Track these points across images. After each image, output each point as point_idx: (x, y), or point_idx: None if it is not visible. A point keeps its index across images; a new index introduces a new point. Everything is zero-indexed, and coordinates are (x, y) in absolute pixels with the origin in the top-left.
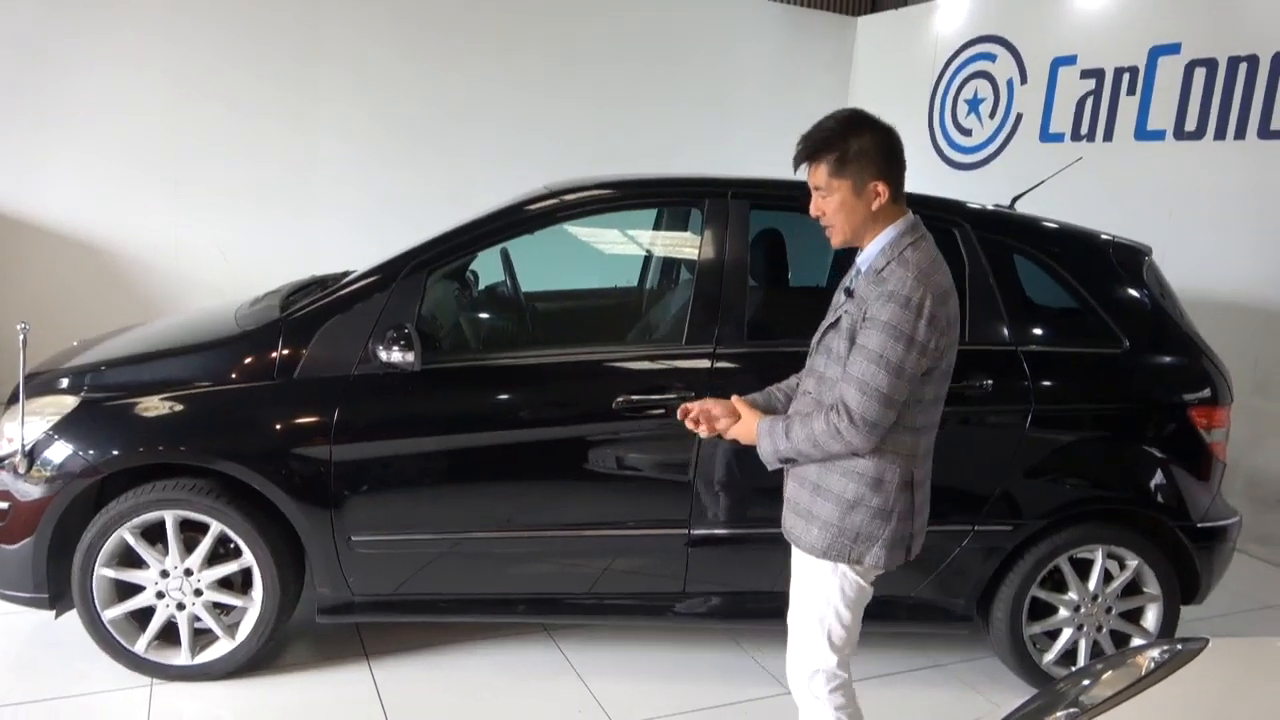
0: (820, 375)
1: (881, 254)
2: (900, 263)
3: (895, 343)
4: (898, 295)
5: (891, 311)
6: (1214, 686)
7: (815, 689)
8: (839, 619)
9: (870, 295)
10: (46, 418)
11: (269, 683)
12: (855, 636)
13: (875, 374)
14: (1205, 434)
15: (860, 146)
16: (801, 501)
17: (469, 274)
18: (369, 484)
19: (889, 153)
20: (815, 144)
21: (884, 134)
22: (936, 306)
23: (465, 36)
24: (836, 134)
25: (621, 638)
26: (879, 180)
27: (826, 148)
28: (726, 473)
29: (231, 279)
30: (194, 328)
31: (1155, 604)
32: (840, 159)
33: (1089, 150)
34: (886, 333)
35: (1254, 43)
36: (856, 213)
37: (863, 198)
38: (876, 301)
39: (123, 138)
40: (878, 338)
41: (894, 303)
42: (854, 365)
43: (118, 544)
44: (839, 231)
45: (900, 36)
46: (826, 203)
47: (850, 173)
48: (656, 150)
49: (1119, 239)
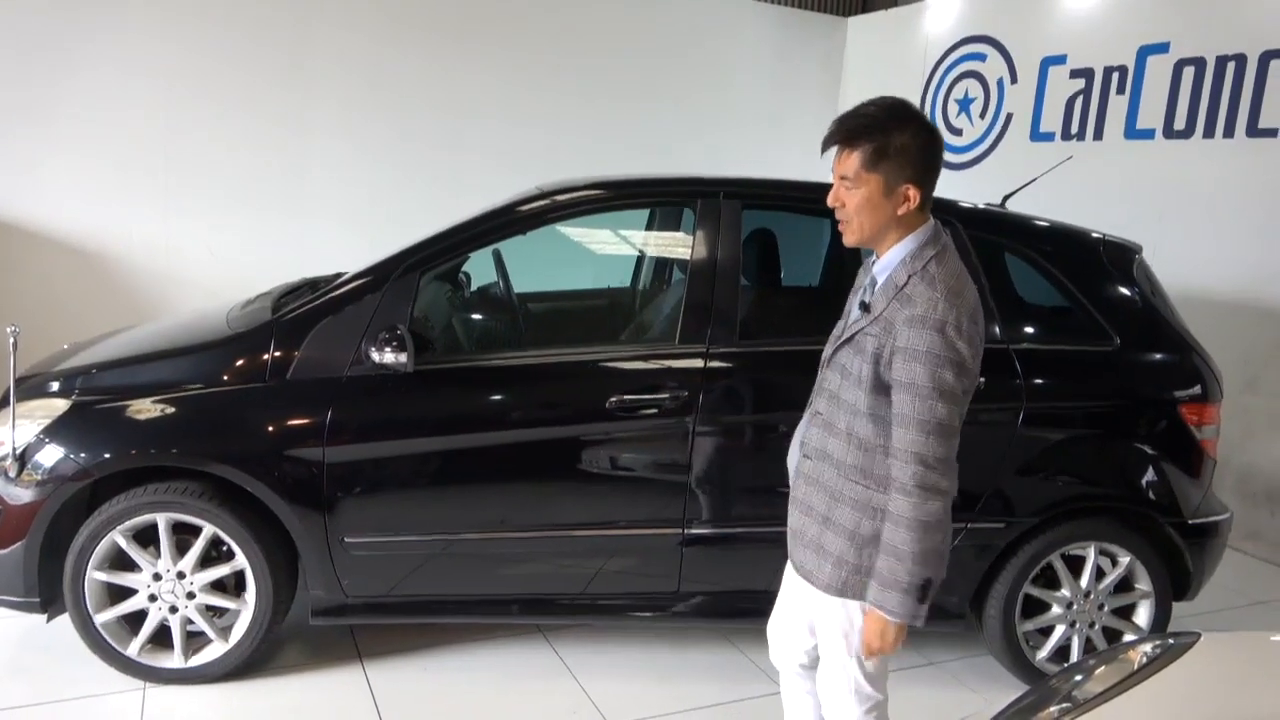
0: (834, 395)
1: (902, 266)
2: (925, 280)
3: (942, 370)
4: (930, 320)
5: (929, 340)
6: (1206, 681)
7: (851, 712)
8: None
9: (896, 318)
10: (37, 421)
11: (262, 685)
12: (887, 660)
13: (933, 408)
14: (1196, 431)
15: (902, 143)
16: (809, 534)
17: (461, 275)
18: (362, 486)
19: (930, 155)
20: (854, 129)
21: (929, 133)
22: (971, 326)
23: (457, 38)
24: (879, 123)
25: (616, 638)
26: (912, 184)
27: (866, 135)
28: (720, 472)
29: (223, 281)
30: (185, 330)
31: (1147, 600)
32: (878, 151)
33: (1079, 149)
34: (930, 363)
35: (1242, 42)
36: (880, 214)
37: (891, 199)
38: (907, 328)
39: (114, 139)
40: (923, 370)
41: (929, 329)
42: (905, 405)
43: (110, 547)
44: (855, 230)
45: (891, 37)
46: (850, 195)
47: (885, 169)
48: (648, 151)
49: (1110, 237)
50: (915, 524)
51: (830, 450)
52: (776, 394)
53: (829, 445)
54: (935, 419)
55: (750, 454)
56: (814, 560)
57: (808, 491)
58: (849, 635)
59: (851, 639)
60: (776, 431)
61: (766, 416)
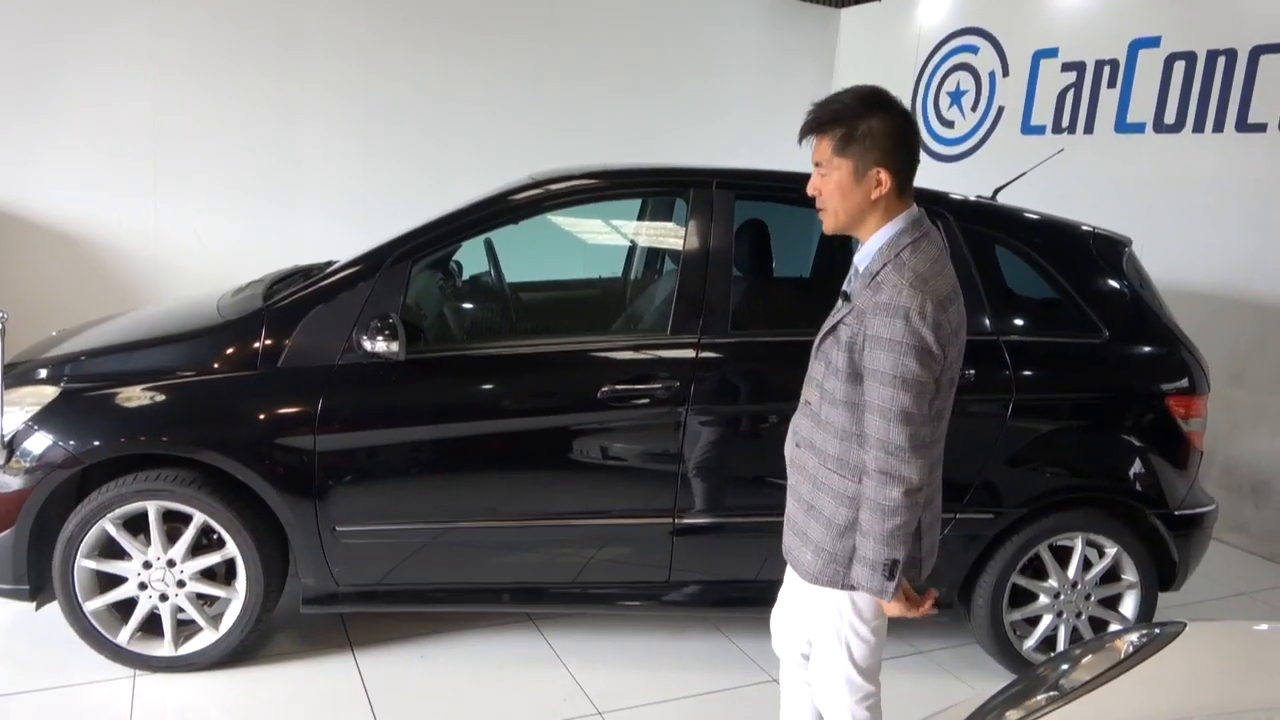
0: (819, 384)
1: (879, 254)
2: (896, 267)
3: (904, 358)
4: (894, 307)
5: (892, 327)
6: (1191, 669)
7: (843, 702)
8: (859, 637)
9: (867, 306)
10: (26, 408)
11: (253, 674)
12: (881, 650)
13: (894, 396)
14: (1183, 423)
15: (869, 128)
16: (797, 519)
17: (453, 264)
18: (353, 474)
19: (900, 140)
20: (823, 117)
21: (900, 118)
22: (939, 313)
23: (448, 26)
24: (847, 109)
25: (606, 626)
26: (882, 168)
27: (834, 122)
28: (711, 462)
29: (212, 268)
30: (176, 317)
31: (1133, 591)
32: (845, 136)
33: (1070, 142)
34: (892, 350)
35: (1232, 36)
36: (852, 198)
37: (862, 184)
38: (874, 316)
39: (102, 126)
40: (885, 358)
41: (893, 317)
42: (870, 392)
43: (99, 535)
44: (831, 215)
45: (883, 28)
46: (824, 182)
47: (853, 153)
48: (641, 140)
49: (1099, 230)
50: (877, 507)
51: (815, 440)
52: (768, 384)
53: (815, 435)
54: (898, 406)
55: (741, 444)
56: (799, 547)
57: (797, 479)
58: (837, 626)
59: (840, 629)
60: (768, 422)
61: (758, 407)
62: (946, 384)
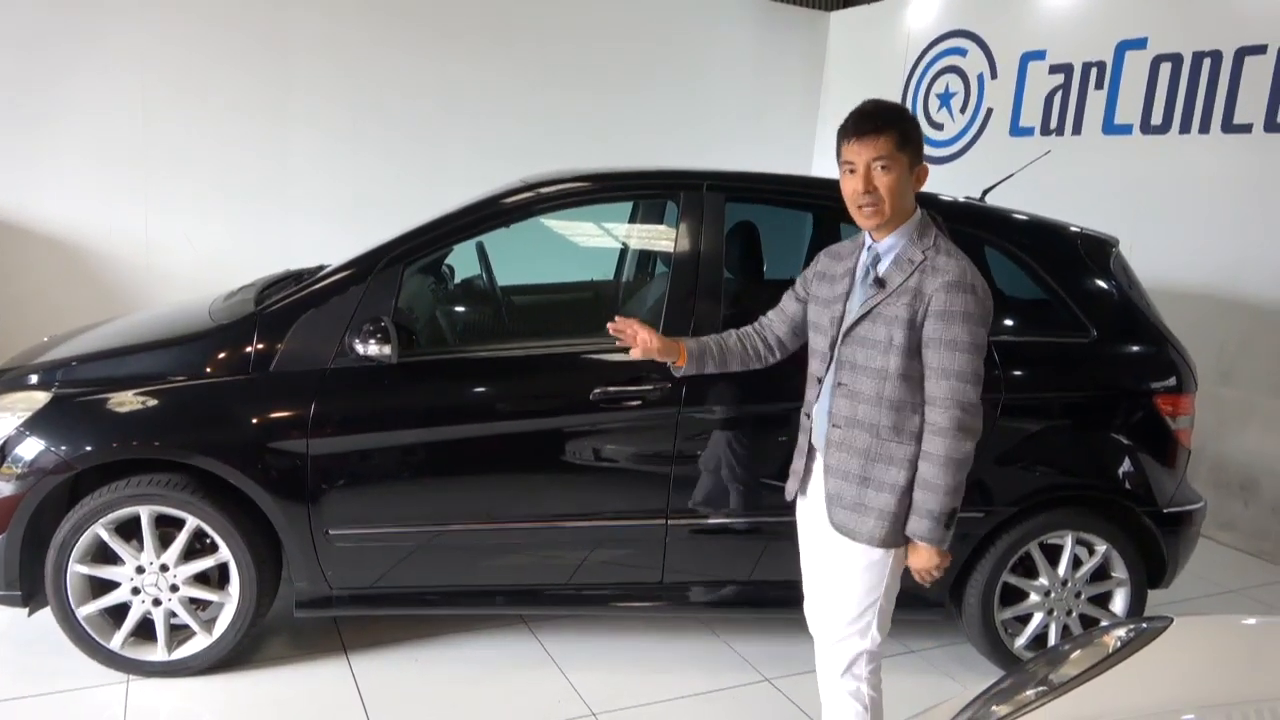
0: (862, 367)
1: (912, 244)
2: (946, 252)
3: (976, 327)
4: (965, 284)
5: (965, 301)
6: (1179, 663)
7: (857, 670)
8: (888, 596)
9: (926, 286)
10: (17, 414)
11: (246, 678)
12: (891, 605)
13: (970, 360)
14: (1171, 421)
15: (915, 129)
16: (848, 495)
17: (445, 267)
18: (346, 478)
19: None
20: (888, 116)
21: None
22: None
23: (439, 29)
24: (899, 112)
25: (600, 629)
26: (922, 165)
27: (898, 120)
28: (703, 463)
29: (203, 273)
30: (168, 322)
31: (1123, 588)
32: (904, 135)
33: (1058, 144)
34: (969, 322)
35: (1217, 37)
36: (906, 193)
37: (912, 177)
38: (944, 293)
39: (93, 133)
40: (964, 328)
41: (965, 293)
42: (944, 359)
43: (92, 540)
44: (882, 211)
45: (873, 31)
46: (884, 177)
47: (909, 151)
48: (632, 143)
49: (1087, 231)
50: (950, 462)
51: (860, 416)
52: (760, 385)
53: (858, 412)
54: (972, 369)
55: (733, 445)
56: (854, 519)
57: (841, 458)
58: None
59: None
60: (759, 422)
61: (749, 408)
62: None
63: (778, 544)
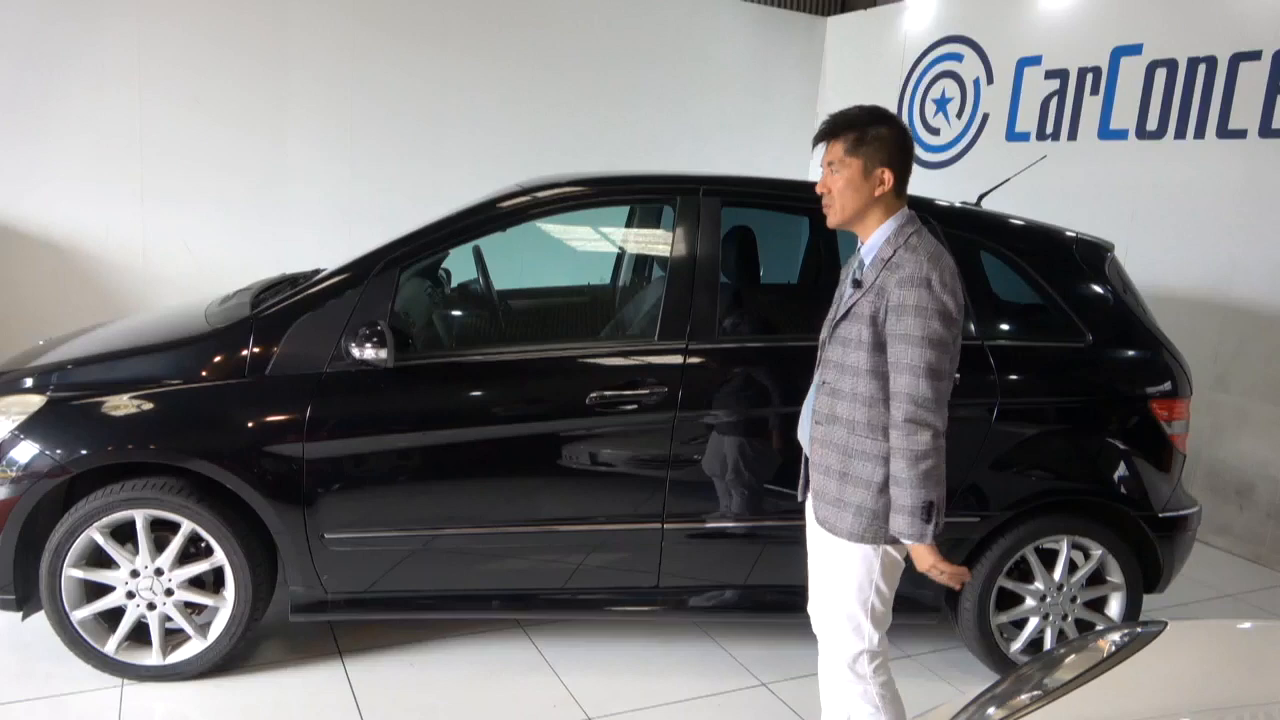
0: (838, 364)
1: (887, 243)
2: (909, 249)
3: (930, 320)
4: (917, 278)
5: (917, 295)
6: (1174, 667)
7: (860, 670)
8: (879, 595)
9: (888, 283)
10: (12, 417)
11: (241, 682)
12: (890, 608)
13: (922, 354)
14: (1166, 426)
15: (877, 133)
16: (830, 490)
17: (441, 271)
18: (342, 482)
19: (901, 147)
20: (838, 122)
21: (901, 130)
22: (953, 280)
23: (437, 35)
24: (859, 118)
25: (595, 633)
26: (887, 168)
27: (848, 127)
28: (699, 468)
29: (200, 277)
30: (163, 326)
31: (1119, 593)
32: (858, 139)
33: (1053, 149)
34: (919, 315)
35: (1212, 43)
36: (860, 194)
37: (868, 180)
38: (899, 289)
39: (90, 137)
40: (914, 321)
41: (917, 286)
42: (897, 353)
43: (87, 544)
44: (838, 210)
45: (869, 36)
46: (835, 178)
47: (864, 154)
48: (628, 148)
49: (1083, 236)
50: (907, 453)
51: (839, 413)
52: (755, 389)
53: (837, 409)
54: (925, 363)
55: (729, 449)
56: (835, 514)
57: (823, 454)
58: (862, 582)
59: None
60: (755, 426)
61: (746, 412)
62: (956, 350)
63: (774, 548)
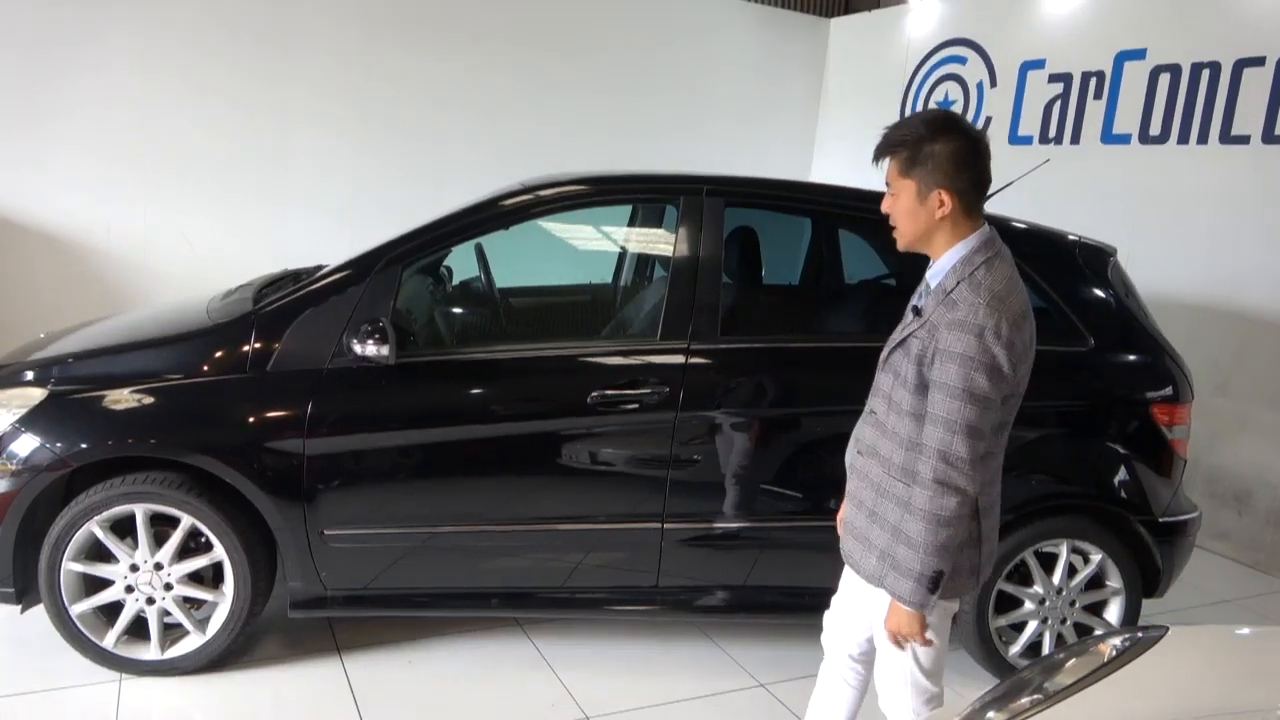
0: (887, 395)
1: (952, 272)
2: (971, 286)
3: (975, 373)
4: (969, 324)
5: (965, 343)
6: (1173, 672)
7: (906, 704)
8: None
9: (940, 321)
10: (13, 410)
11: (240, 678)
12: (944, 652)
13: (961, 409)
14: (1167, 431)
15: (933, 150)
16: (859, 526)
17: (443, 269)
18: (342, 478)
19: (964, 162)
20: (892, 140)
21: (965, 142)
22: (1013, 332)
23: (441, 31)
24: (913, 133)
25: (594, 632)
26: (944, 189)
27: (900, 145)
28: (700, 468)
29: (201, 272)
30: (165, 320)
31: (1118, 597)
32: (910, 159)
33: (1057, 153)
34: (964, 365)
35: (1216, 49)
36: (919, 219)
37: (925, 204)
38: (947, 331)
39: (92, 130)
40: (957, 372)
41: (967, 333)
42: (936, 404)
43: (86, 538)
44: (902, 235)
45: (873, 38)
46: (894, 202)
47: (917, 175)
48: (632, 148)
49: (1085, 240)
50: (930, 517)
51: (880, 449)
52: (757, 390)
53: (880, 444)
54: (963, 419)
55: (731, 450)
56: (861, 551)
57: (858, 486)
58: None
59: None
60: (757, 427)
61: (747, 412)
62: (1016, 398)
63: (774, 549)
